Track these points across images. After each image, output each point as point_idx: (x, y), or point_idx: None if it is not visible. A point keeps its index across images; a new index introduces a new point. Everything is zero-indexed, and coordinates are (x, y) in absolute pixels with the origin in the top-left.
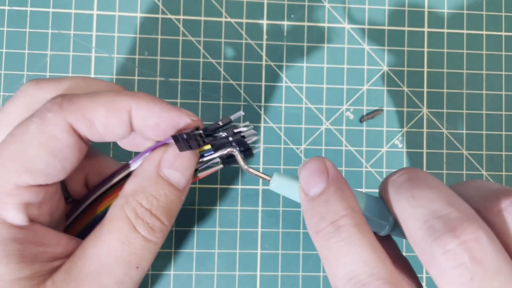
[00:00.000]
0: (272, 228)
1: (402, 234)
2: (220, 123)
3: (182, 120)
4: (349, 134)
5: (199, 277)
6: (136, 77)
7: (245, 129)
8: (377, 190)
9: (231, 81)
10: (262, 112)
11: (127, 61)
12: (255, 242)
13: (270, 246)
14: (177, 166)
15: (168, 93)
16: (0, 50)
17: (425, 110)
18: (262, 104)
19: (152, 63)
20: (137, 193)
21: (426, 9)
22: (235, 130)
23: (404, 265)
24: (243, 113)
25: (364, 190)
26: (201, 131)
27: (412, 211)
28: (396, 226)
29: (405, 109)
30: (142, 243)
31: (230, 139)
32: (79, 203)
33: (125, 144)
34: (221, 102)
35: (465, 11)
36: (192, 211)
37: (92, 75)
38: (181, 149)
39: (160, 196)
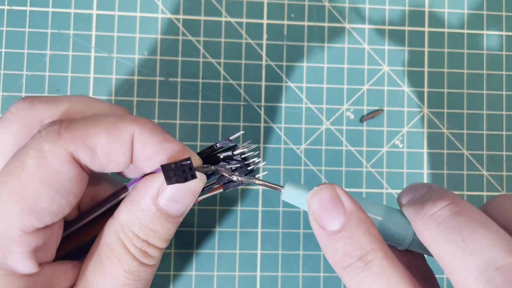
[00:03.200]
0: (272, 228)
1: (423, 249)
2: (218, 145)
3: (185, 155)
4: (349, 134)
5: (199, 277)
6: (135, 77)
7: (245, 150)
8: (377, 190)
9: (231, 81)
10: (262, 112)
11: (127, 61)
12: (255, 242)
13: (270, 246)
14: (178, 198)
15: (168, 93)
16: (0, 49)
17: (425, 110)
18: (262, 104)
19: (151, 63)
20: (132, 224)
21: (426, 9)
22: (235, 152)
23: (425, 275)
24: (243, 132)
25: (364, 190)
26: (189, 162)
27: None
28: (415, 239)
29: (405, 109)
30: (144, 269)
31: (230, 167)
32: (71, 224)
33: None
34: (221, 102)
35: (465, 11)
36: (192, 212)
37: (92, 75)
38: (168, 182)
39: (157, 228)
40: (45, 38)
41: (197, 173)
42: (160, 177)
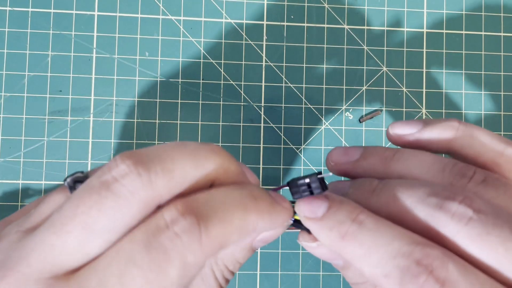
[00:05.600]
0: None
1: None
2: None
3: (288, 219)
4: (349, 134)
5: None
6: (136, 78)
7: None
8: None
9: (231, 81)
10: (262, 112)
11: (128, 61)
12: None
13: (270, 246)
14: (267, 240)
15: (169, 94)
16: (2, 50)
17: (424, 110)
18: (262, 104)
19: (152, 64)
20: (228, 259)
21: (425, 10)
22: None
23: None
24: (330, 174)
25: None
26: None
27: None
28: None
29: (404, 109)
30: None
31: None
32: None
33: None
34: (221, 102)
35: (463, 12)
36: None
37: (93, 76)
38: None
39: (243, 260)
40: (47, 39)
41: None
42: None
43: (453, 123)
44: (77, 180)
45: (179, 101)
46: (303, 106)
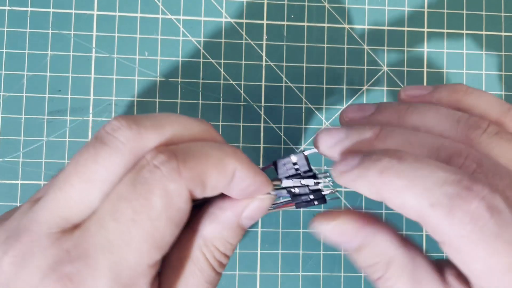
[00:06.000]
0: (272, 227)
1: None
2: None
3: (268, 188)
4: None
5: None
6: (136, 77)
7: (326, 180)
8: None
9: (231, 81)
10: (262, 112)
11: (127, 61)
12: (255, 242)
13: (270, 246)
14: (254, 216)
15: (168, 93)
16: (1, 50)
17: None
18: (262, 104)
19: (152, 63)
20: (216, 239)
21: (426, 9)
22: (313, 186)
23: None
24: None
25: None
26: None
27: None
28: None
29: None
30: (218, 277)
31: (311, 196)
32: None
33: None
34: (221, 102)
35: (464, 12)
36: None
37: (92, 75)
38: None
39: (233, 241)
40: (46, 39)
41: (270, 193)
42: (245, 200)
43: (461, 85)
44: None
45: (179, 101)
46: (303, 106)
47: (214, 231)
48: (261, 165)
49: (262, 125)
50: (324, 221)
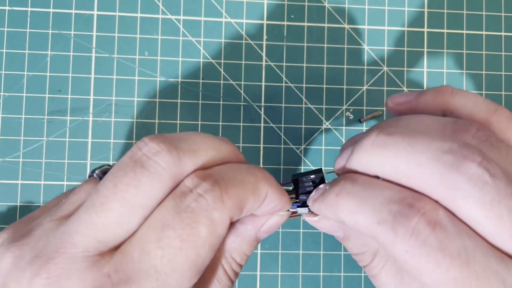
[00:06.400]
0: None
1: None
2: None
3: (289, 206)
4: (349, 134)
5: None
6: (136, 77)
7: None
8: None
9: (231, 81)
10: (262, 112)
11: (128, 61)
12: None
13: (270, 246)
14: (270, 230)
15: (168, 93)
16: (1, 50)
17: None
18: (262, 104)
19: (152, 63)
20: (235, 251)
21: (426, 10)
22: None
23: None
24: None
25: None
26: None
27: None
28: None
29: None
30: (232, 285)
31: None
32: None
33: None
34: (221, 102)
35: (464, 12)
36: None
37: (93, 75)
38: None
39: (249, 252)
40: (46, 39)
41: (288, 211)
42: (265, 215)
43: (446, 87)
44: (105, 172)
45: (179, 101)
46: (303, 106)
47: (234, 244)
48: (261, 165)
49: (262, 125)
50: (310, 215)
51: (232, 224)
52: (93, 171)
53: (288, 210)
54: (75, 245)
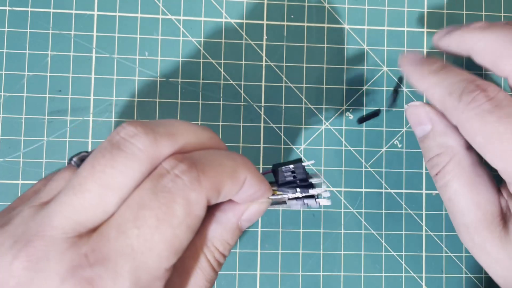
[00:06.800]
0: (272, 227)
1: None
2: (291, 167)
3: (269, 194)
4: (349, 134)
5: None
6: (136, 78)
7: (319, 181)
8: (377, 190)
9: (231, 81)
10: (262, 112)
11: (128, 61)
12: (255, 242)
13: (270, 246)
14: (252, 218)
15: (168, 94)
16: (1, 50)
17: None
18: (262, 104)
19: (152, 64)
20: (216, 240)
21: (425, 9)
22: (312, 182)
23: None
24: (313, 161)
25: (363, 190)
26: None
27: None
28: None
29: (404, 109)
30: (216, 276)
31: (299, 194)
32: None
33: None
34: (221, 102)
35: (464, 12)
36: None
37: (93, 76)
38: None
39: (232, 242)
40: (46, 39)
41: (266, 198)
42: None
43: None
44: (83, 158)
45: (179, 101)
46: (303, 106)
47: (215, 232)
48: (261, 165)
49: (262, 125)
50: (412, 103)
51: (212, 213)
52: (71, 159)
53: (269, 198)
54: (54, 227)
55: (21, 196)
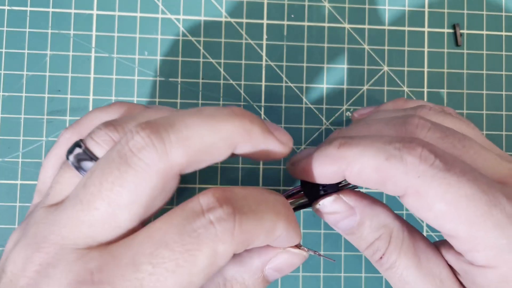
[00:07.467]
0: None
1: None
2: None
3: (298, 240)
4: None
5: None
6: (136, 77)
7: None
8: (377, 190)
9: (231, 81)
10: (262, 112)
11: (127, 61)
12: None
13: None
14: (282, 270)
15: (168, 93)
16: (0, 50)
17: None
18: (262, 104)
19: (152, 63)
20: (235, 281)
21: (426, 9)
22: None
23: None
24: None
25: (364, 190)
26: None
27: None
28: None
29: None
30: None
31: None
32: None
33: None
34: (221, 102)
35: (465, 11)
36: None
37: (92, 75)
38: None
39: (254, 287)
40: (46, 38)
41: (303, 251)
42: (274, 248)
43: (401, 98)
44: (80, 158)
45: (179, 100)
46: (303, 106)
47: (236, 273)
48: (261, 166)
49: None
50: (323, 199)
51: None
52: (67, 156)
53: (300, 248)
54: (64, 238)
55: (36, 191)
